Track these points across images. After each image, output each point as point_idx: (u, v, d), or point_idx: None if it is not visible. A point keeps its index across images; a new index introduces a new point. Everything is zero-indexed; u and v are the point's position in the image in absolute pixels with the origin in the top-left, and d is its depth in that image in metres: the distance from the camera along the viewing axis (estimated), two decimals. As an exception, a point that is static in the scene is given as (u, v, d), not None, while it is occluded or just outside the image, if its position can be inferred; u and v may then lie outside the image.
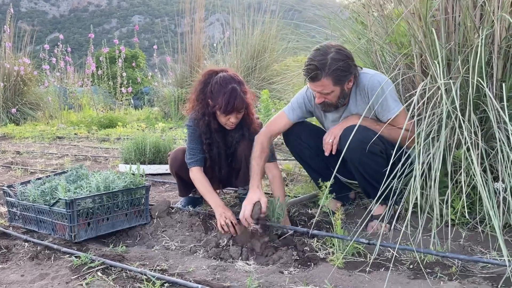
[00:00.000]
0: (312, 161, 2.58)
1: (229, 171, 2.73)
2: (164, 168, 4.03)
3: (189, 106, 2.60)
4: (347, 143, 2.06)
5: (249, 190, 2.28)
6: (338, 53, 2.21)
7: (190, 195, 2.94)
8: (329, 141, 2.34)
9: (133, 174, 2.57)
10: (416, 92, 2.05)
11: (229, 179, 2.82)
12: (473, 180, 2.11)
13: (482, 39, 2.00)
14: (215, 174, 2.66)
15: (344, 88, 2.30)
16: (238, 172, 2.71)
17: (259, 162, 2.36)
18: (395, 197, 2.30)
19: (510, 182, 1.90)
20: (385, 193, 1.93)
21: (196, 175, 2.55)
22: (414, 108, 1.97)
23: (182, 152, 2.71)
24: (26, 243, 2.33)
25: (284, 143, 2.70)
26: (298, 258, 2.02)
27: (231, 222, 2.27)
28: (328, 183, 2.08)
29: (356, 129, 2.04)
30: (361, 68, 2.39)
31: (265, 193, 3.22)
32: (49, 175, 2.80)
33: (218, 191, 2.77)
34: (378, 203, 2.12)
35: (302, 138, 2.56)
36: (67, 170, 2.86)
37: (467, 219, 2.17)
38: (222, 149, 2.61)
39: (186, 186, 2.85)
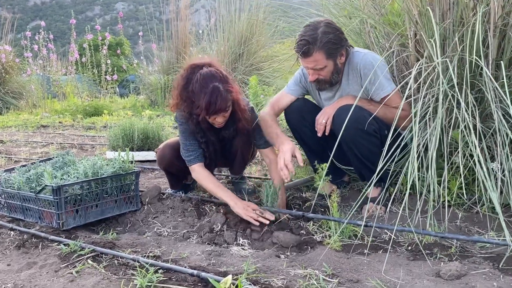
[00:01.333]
0: (311, 141, 2.52)
1: (224, 164, 2.65)
2: (153, 155, 3.95)
3: (172, 102, 2.38)
4: (341, 123, 2.01)
5: (281, 144, 2.23)
6: (328, 27, 2.21)
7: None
8: (322, 121, 2.28)
9: (123, 160, 2.49)
10: (411, 72, 2.01)
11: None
12: (469, 161, 2.09)
13: (479, 15, 1.95)
14: (212, 170, 2.56)
15: (336, 62, 2.27)
16: (233, 163, 2.64)
17: (274, 125, 2.36)
18: (390, 179, 2.28)
19: (507, 162, 1.88)
20: (380, 175, 1.89)
21: (201, 173, 2.39)
22: (410, 88, 1.93)
23: (169, 148, 2.59)
24: (12, 232, 2.24)
25: (286, 121, 2.63)
26: (294, 241, 1.98)
27: (261, 212, 2.16)
28: (326, 165, 2.03)
29: (350, 109, 1.99)
30: (353, 47, 2.35)
31: (264, 178, 3.17)
32: (34, 162, 2.70)
33: None
34: (373, 185, 2.08)
35: (304, 116, 2.50)
36: (53, 157, 2.77)
37: (463, 200, 2.15)
38: (218, 146, 2.47)
39: (177, 180, 2.75)
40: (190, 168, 2.43)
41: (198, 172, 2.39)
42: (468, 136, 1.83)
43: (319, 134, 2.32)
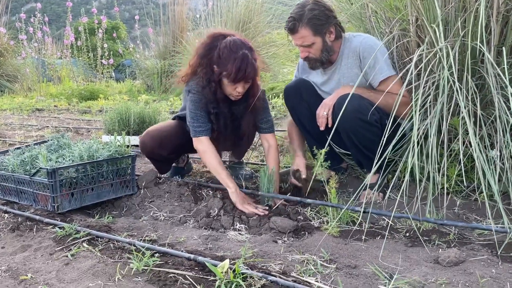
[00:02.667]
0: (309, 124, 2.48)
1: (232, 144, 2.58)
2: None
3: (185, 72, 2.33)
4: (341, 112, 1.99)
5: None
6: (316, 4, 2.26)
7: (174, 164, 2.84)
8: (323, 114, 2.25)
9: (119, 145, 2.45)
10: (412, 58, 1.97)
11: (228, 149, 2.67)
12: (468, 149, 2.07)
13: (483, 0, 1.91)
14: (220, 146, 2.46)
15: (325, 39, 2.29)
16: (239, 144, 2.59)
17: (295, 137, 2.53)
18: (389, 167, 2.26)
19: (507, 150, 1.86)
20: (379, 163, 1.86)
21: (208, 146, 2.30)
22: (411, 73, 1.90)
23: (149, 137, 2.52)
24: (6, 214, 2.21)
25: (284, 102, 2.61)
26: (292, 227, 1.96)
27: (255, 207, 2.15)
28: (323, 151, 2.01)
29: (351, 98, 1.96)
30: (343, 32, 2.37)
31: (262, 163, 3.15)
32: (28, 145, 2.66)
33: None
34: (372, 172, 2.06)
35: (302, 96, 2.47)
36: (48, 140, 2.73)
37: (462, 187, 2.14)
38: (229, 120, 2.37)
39: (163, 164, 2.70)
40: (196, 140, 2.32)
41: (206, 144, 2.30)
42: (468, 123, 1.81)
43: (322, 128, 2.28)
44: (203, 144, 2.31)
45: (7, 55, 10.29)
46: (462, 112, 1.87)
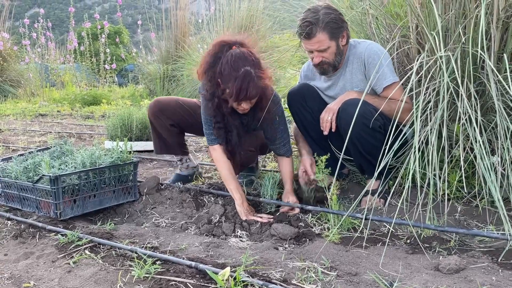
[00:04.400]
0: (312, 129, 2.49)
1: (252, 155, 2.53)
2: (152, 145, 3.92)
3: (199, 70, 2.25)
4: (346, 117, 2.00)
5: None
6: (329, 8, 2.27)
7: (178, 172, 2.86)
8: (327, 118, 2.25)
9: (121, 151, 2.47)
10: (413, 66, 1.98)
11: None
12: (469, 155, 2.08)
13: (483, 7, 1.92)
14: (236, 157, 2.34)
15: (339, 43, 2.29)
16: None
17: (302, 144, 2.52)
18: (391, 173, 2.27)
19: (508, 156, 1.86)
20: (380, 169, 1.87)
21: (221, 154, 2.28)
22: (412, 81, 1.91)
23: (157, 101, 2.60)
24: (9, 221, 2.23)
25: (287, 107, 2.60)
26: (293, 234, 1.97)
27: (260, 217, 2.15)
28: (324, 158, 2.02)
29: (356, 103, 1.97)
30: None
31: (264, 169, 3.16)
32: (31, 152, 2.68)
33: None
34: (373, 179, 2.07)
35: (306, 101, 2.47)
36: (51, 146, 2.74)
37: (463, 193, 2.14)
38: (242, 131, 2.30)
39: (160, 139, 2.69)
40: (210, 148, 2.33)
41: (218, 153, 2.28)
42: (469, 129, 1.81)
43: (325, 132, 2.29)
44: (216, 153, 2.31)
45: (11, 60, 10.35)
46: (462, 119, 1.88)
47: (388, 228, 1.98)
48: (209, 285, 1.49)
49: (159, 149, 2.75)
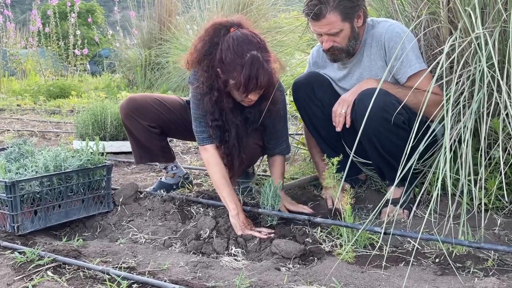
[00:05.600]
0: (322, 127, 2.49)
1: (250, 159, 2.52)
2: (130, 146, 3.93)
3: (189, 58, 2.25)
4: (363, 111, 1.99)
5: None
6: None
7: (162, 179, 2.86)
8: (341, 111, 2.25)
9: (92, 152, 2.48)
10: (443, 49, 1.98)
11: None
12: (511, 156, 2.08)
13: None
14: (234, 163, 2.35)
15: (354, 25, 2.27)
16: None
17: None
18: (416, 179, 2.26)
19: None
20: (403, 173, 1.87)
21: (213, 156, 2.29)
22: (442, 66, 1.91)
23: (129, 99, 2.59)
24: (-44, 237, 2.23)
25: (293, 100, 2.60)
26: (298, 251, 1.97)
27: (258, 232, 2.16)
28: (336, 159, 2.02)
29: (374, 93, 1.96)
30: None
31: (264, 175, 3.17)
32: (-16, 153, 2.69)
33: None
34: (395, 185, 2.07)
35: (315, 93, 2.47)
36: (7, 147, 2.75)
37: (503, 203, 2.15)
38: (242, 129, 2.31)
39: (139, 145, 2.68)
40: (201, 148, 2.34)
41: (210, 154, 2.30)
42: (510, 125, 1.81)
43: (338, 128, 2.29)
44: (207, 154, 2.32)
45: (-38, 45, 10.40)
46: (502, 113, 1.88)
47: (412, 244, 1.98)
48: (196, 312, 1.49)
49: (139, 157, 2.74)
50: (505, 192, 1.95)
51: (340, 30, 2.24)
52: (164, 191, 2.69)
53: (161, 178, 2.91)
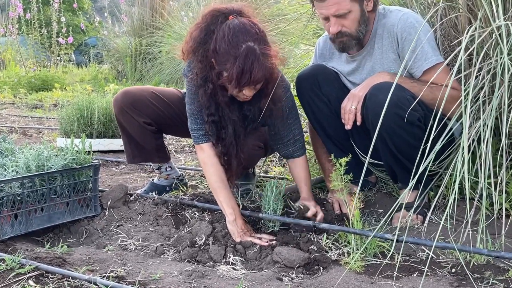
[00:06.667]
0: (329, 124, 2.49)
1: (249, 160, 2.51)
2: (119, 143, 3.94)
3: (185, 47, 2.26)
4: (375, 107, 2.00)
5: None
6: None
7: (154, 181, 2.87)
8: (351, 108, 2.26)
9: (77, 151, 2.48)
10: (462, 40, 1.98)
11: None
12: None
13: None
14: (231, 162, 2.33)
15: (363, 8, 2.28)
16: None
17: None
18: (431, 181, 2.27)
19: None
20: (417, 175, 1.88)
21: (209, 156, 2.30)
22: (460, 60, 1.91)
23: (123, 93, 2.59)
24: None
25: (297, 95, 2.60)
26: (302, 260, 1.98)
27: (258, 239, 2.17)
28: (344, 160, 2.03)
29: (388, 88, 1.96)
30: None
31: (265, 176, 3.18)
32: (-40, 151, 2.70)
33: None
34: (408, 188, 2.08)
35: (320, 87, 2.47)
36: (-15, 144, 2.76)
37: (527, 208, 2.15)
38: (240, 126, 2.30)
39: (132, 143, 2.68)
40: (197, 147, 2.36)
41: (206, 154, 2.31)
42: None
43: (348, 126, 2.29)
44: (204, 154, 2.33)
45: None
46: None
47: (427, 253, 1.99)
48: (191, 326, 1.50)
49: (132, 156, 2.74)
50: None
51: (349, 11, 2.23)
52: (156, 194, 2.69)
53: (153, 179, 2.92)
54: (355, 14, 2.26)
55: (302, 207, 2.26)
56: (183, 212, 2.45)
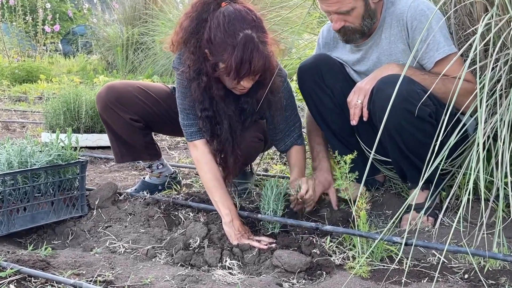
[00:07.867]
0: (332, 119, 2.50)
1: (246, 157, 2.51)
2: (108, 139, 3.93)
3: (174, 38, 2.27)
4: (383, 101, 2.00)
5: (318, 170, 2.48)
6: None
7: (146, 179, 2.87)
8: (357, 102, 2.26)
9: (63, 146, 2.48)
10: (477, 29, 1.98)
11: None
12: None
13: None
14: (228, 160, 2.35)
15: (368, 2, 2.27)
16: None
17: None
18: (443, 181, 2.27)
19: None
20: (428, 174, 1.88)
21: (203, 153, 2.32)
22: (476, 50, 1.90)
23: (107, 88, 2.59)
24: None
25: (298, 86, 2.60)
26: (303, 264, 1.98)
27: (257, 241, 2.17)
28: (349, 157, 2.02)
29: (396, 82, 1.96)
30: None
31: (265, 174, 3.18)
32: None
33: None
34: (418, 188, 2.08)
35: (324, 78, 2.47)
36: (-36, 139, 2.76)
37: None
38: (236, 121, 2.31)
39: (119, 141, 2.68)
40: (190, 144, 2.37)
41: (200, 151, 2.33)
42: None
43: (354, 122, 2.29)
44: (197, 151, 2.34)
45: None
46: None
47: (438, 257, 1.98)
48: (183, 334, 1.50)
49: (120, 155, 2.73)
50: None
51: (352, 8, 2.23)
52: (147, 193, 2.69)
53: (144, 178, 2.92)
54: (359, 10, 2.26)
55: (297, 191, 2.32)
56: (177, 213, 2.45)
